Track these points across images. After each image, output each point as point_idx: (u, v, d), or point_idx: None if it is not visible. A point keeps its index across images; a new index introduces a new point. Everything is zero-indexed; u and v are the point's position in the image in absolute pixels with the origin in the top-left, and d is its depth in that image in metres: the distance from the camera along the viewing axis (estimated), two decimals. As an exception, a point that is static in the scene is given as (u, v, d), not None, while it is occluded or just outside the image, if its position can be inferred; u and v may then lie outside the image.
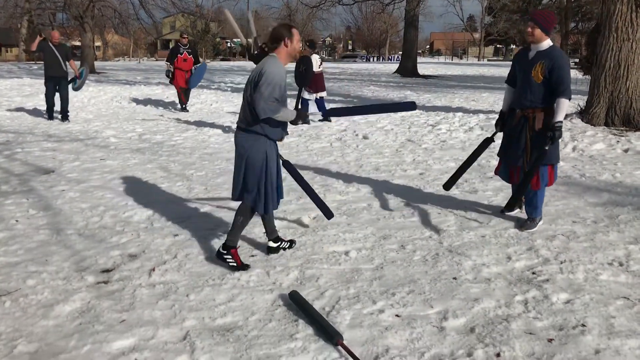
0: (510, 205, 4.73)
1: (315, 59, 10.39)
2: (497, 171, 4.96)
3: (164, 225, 4.82)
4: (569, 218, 4.89)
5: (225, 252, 3.93)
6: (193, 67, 12.72)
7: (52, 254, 4.19)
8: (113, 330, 3.11)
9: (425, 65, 39.00)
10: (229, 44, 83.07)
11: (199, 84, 13.79)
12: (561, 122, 4.28)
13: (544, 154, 4.33)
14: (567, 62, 4.35)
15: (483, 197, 5.58)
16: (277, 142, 3.97)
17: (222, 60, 66.43)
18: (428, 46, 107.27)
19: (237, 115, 11.07)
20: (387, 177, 6.44)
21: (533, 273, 3.79)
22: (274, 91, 3.64)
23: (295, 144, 8.68)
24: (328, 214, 4.39)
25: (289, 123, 3.94)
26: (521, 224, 4.69)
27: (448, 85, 19.75)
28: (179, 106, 13.22)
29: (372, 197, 5.60)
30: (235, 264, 3.90)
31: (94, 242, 4.45)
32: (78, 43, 30.63)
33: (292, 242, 4.30)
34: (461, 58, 74.05)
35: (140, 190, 5.92)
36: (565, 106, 4.29)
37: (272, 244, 4.19)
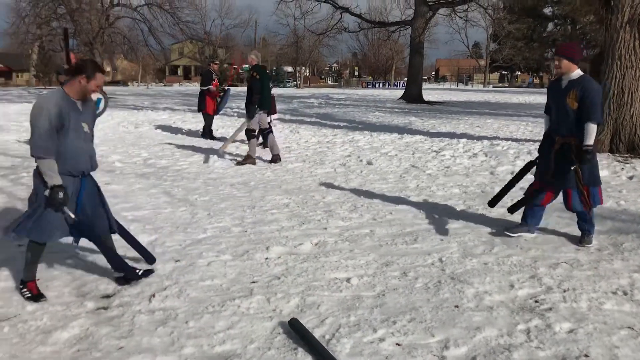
0: (514, 208, 5.05)
1: None
2: (532, 196, 5.03)
3: (165, 251, 4.81)
4: (573, 246, 4.86)
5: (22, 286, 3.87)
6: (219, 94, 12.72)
7: (53, 279, 4.19)
8: (111, 357, 3.09)
9: (431, 92, 39.22)
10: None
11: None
12: (591, 145, 4.51)
13: (570, 174, 4.63)
14: (597, 89, 4.60)
15: (487, 223, 5.54)
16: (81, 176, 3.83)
17: (229, 85, 66.98)
18: (434, 72, 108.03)
19: (239, 141, 11.10)
20: (391, 203, 6.42)
21: (536, 301, 3.74)
22: (43, 125, 3.49)
23: (300, 169, 8.70)
24: (149, 259, 4.35)
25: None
26: (580, 240, 4.87)
27: (453, 112, 19.81)
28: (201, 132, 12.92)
29: (375, 223, 5.58)
30: (30, 294, 3.82)
31: (96, 267, 4.44)
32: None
33: (145, 273, 4.21)
34: (466, 84, 74.38)
35: (143, 215, 5.92)
36: (593, 130, 4.53)
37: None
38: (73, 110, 3.65)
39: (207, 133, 12.66)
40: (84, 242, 4.37)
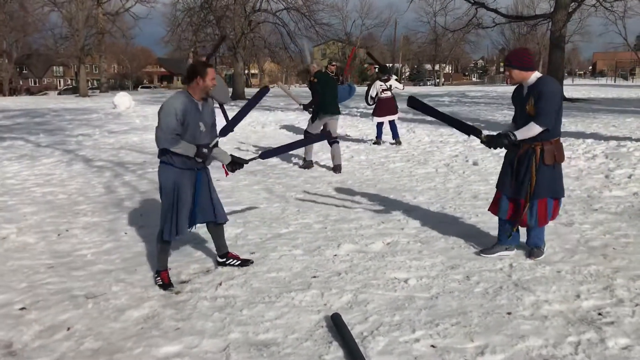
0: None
1: (376, 85, 10.62)
2: (495, 209, 4.62)
3: (246, 244, 5.14)
4: (669, 257, 4.42)
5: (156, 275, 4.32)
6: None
7: (142, 264, 4.68)
8: (166, 336, 3.42)
9: (579, 88, 36.62)
10: (377, 69, 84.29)
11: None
12: (514, 137, 4.23)
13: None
14: (551, 91, 4.19)
15: (578, 231, 5.20)
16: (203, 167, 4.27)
17: (368, 85, 67.70)
18: (590, 67, 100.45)
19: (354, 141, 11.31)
20: (482, 205, 6.22)
21: (599, 314, 3.50)
22: (170, 121, 3.92)
23: (400, 169, 8.71)
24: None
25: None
26: (530, 253, 4.55)
27: (592, 110, 18.36)
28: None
29: (454, 226, 5.47)
30: (162, 283, 4.23)
31: (181, 256, 4.88)
32: (232, 71, 33.17)
33: (245, 261, 4.60)
34: (627, 79, 68.17)
35: (239, 210, 6.33)
36: (532, 131, 4.20)
37: (219, 260, 4.61)
38: (194, 111, 4.09)
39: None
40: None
